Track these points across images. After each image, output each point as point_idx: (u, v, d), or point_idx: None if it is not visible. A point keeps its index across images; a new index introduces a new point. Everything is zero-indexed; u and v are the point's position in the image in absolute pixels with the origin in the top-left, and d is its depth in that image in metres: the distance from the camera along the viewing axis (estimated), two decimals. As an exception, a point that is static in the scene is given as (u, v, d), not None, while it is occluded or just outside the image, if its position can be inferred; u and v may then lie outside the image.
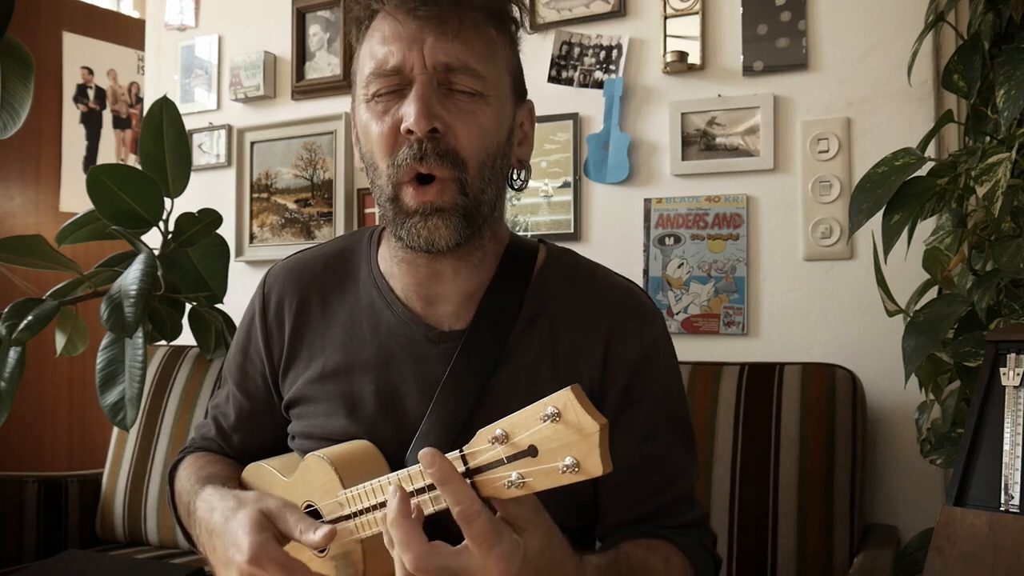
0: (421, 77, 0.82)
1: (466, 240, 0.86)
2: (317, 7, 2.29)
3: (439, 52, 0.82)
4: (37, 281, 1.86)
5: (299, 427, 0.97)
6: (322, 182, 2.28)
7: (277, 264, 1.03)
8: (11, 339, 1.65)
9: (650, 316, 0.95)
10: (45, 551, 1.93)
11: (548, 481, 0.63)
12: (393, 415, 0.90)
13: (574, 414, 0.61)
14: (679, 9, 1.87)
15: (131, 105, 3.46)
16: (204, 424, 1.08)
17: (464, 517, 0.64)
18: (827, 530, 1.49)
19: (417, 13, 0.82)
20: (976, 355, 1.10)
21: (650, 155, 1.91)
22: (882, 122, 1.71)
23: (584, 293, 0.94)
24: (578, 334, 0.92)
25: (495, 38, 0.86)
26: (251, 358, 1.01)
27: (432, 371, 0.90)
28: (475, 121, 0.84)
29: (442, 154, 0.82)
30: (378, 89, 0.84)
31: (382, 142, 0.84)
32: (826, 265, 1.74)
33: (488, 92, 0.84)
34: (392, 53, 0.83)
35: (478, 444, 0.66)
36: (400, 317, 0.93)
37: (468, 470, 0.67)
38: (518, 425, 0.64)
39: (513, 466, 0.64)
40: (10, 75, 1.54)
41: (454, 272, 0.91)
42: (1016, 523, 0.81)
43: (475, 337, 0.90)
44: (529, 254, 0.96)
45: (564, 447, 0.61)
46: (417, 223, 0.84)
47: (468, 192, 0.84)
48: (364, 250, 1.00)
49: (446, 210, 0.83)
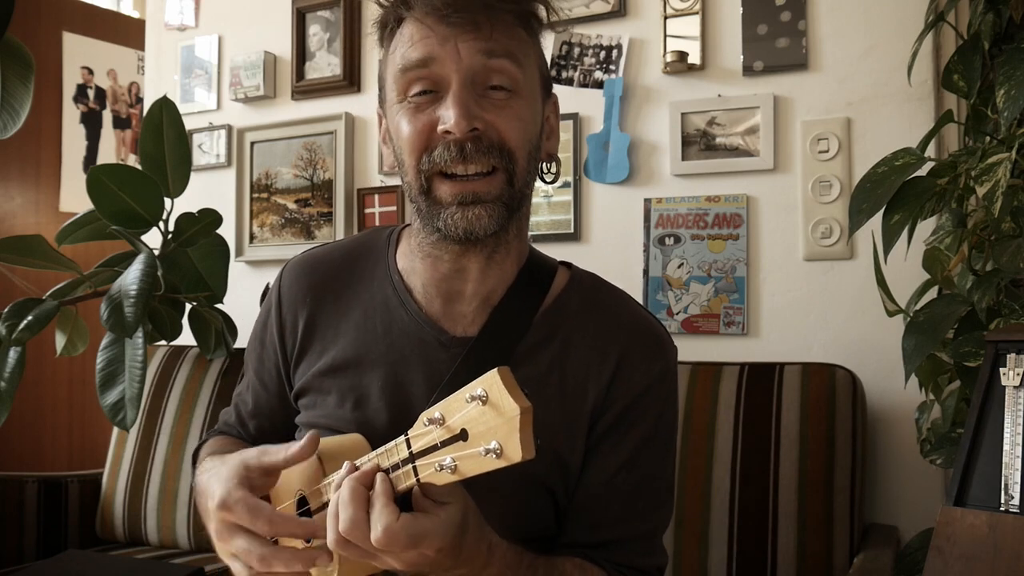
0: (457, 80, 0.82)
1: (503, 229, 0.87)
2: (317, 7, 2.29)
3: (475, 54, 0.82)
4: (37, 281, 1.86)
5: (305, 418, 0.98)
6: (322, 182, 2.28)
7: (295, 258, 1.04)
8: (11, 339, 1.65)
9: (663, 350, 0.95)
10: (45, 551, 1.93)
11: (475, 466, 0.61)
12: (396, 413, 0.91)
13: (498, 396, 0.59)
14: (679, 9, 1.87)
15: (131, 105, 3.46)
16: (227, 410, 1.11)
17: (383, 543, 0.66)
18: (827, 530, 1.49)
19: (449, 20, 0.82)
20: (976, 355, 1.10)
21: (650, 155, 1.91)
22: (882, 122, 1.71)
23: (603, 317, 0.95)
24: (590, 356, 0.92)
25: (525, 38, 0.87)
26: (267, 349, 1.03)
27: (439, 373, 0.90)
28: (515, 115, 0.85)
29: (487, 150, 0.83)
30: (411, 91, 0.85)
31: (415, 140, 0.85)
32: (826, 265, 1.74)
33: (521, 89, 0.85)
34: (425, 56, 0.83)
35: (419, 427, 0.66)
36: (414, 317, 0.93)
37: (411, 454, 0.66)
38: (452, 407, 0.63)
39: (447, 450, 0.63)
40: (10, 75, 1.54)
41: (479, 270, 0.91)
42: (1016, 523, 0.81)
43: (483, 344, 0.90)
44: (548, 271, 0.97)
45: (490, 430, 0.60)
46: (454, 213, 0.84)
47: (515, 183, 0.86)
48: (382, 248, 1.00)
49: (489, 200, 0.84)
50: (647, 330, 0.95)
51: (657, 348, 0.95)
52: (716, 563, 1.53)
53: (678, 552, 1.55)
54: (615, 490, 0.91)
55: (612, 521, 0.91)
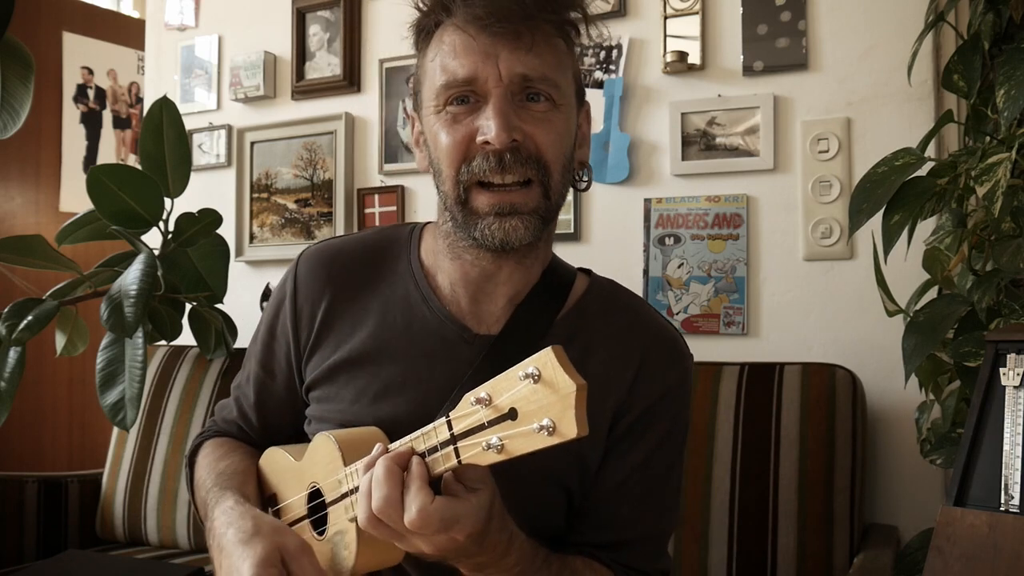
0: (497, 91, 0.83)
1: (538, 239, 0.89)
2: (317, 7, 2.29)
3: (516, 65, 0.83)
4: (37, 281, 1.86)
5: (317, 411, 0.96)
6: (322, 182, 2.28)
7: (310, 247, 1.03)
8: (11, 339, 1.65)
9: (682, 359, 0.97)
10: (45, 551, 1.93)
11: (526, 444, 0.61)
12: (416, 408, 0.90)
13: (552, 373, 0.60)
14: (679, 9, 1.87)
15: (131, 105, 3.46)
16: (226, 405, 1.09)
17: (417, 524, 0.67)
18: (827, 530, 1.49)
19: (492, 29, 0.82)
20: (976, 355, 1.10)
21: (650, 155, 1.91)
22: (882, 122, 1.71)
23: (623, 323, 0.96)
24: (611, 359, 0.93)
25: (564, 49, 0.88)
26: (278, 339, 1.01)
27: (460, 370, 0.90)
28: (553, 128, 0.85)
29: (524, 161, 0.84)
30: (450, 100, 0.85)
31: (453, 151, 0.85)
32: (826, 265, 1.74)
33: (561, 101, 0.86)
34: (465, 66, 0.83)
35: (463, 408, 0.66)
36: (436, 314, 0.93)
37: (453, 435, 0.67)
38: (500, 387, 0.63)
39: (493, 430, 0.63)
40: (10, 75, 1.54)
41: (509, 274, 0.92)
42: (1016, 523, 0.81)
43: (505, 341, 0.91)
44: (568, 276, 0.99)
45: (542, 408, 0.60)
46: (491, 224, 0.85)
47: (551, 196, 0.87)
48: (404, 244, 1.00)
49: (526, 212, 0.85)
50: (667, 336, 0.97)
51: (677, 354, 0.96)
52: (716, 563, 1.53)
53: (678, 552, 1.55)
54: (627, 492, 0.92)
55: (623, 522, 0.92)
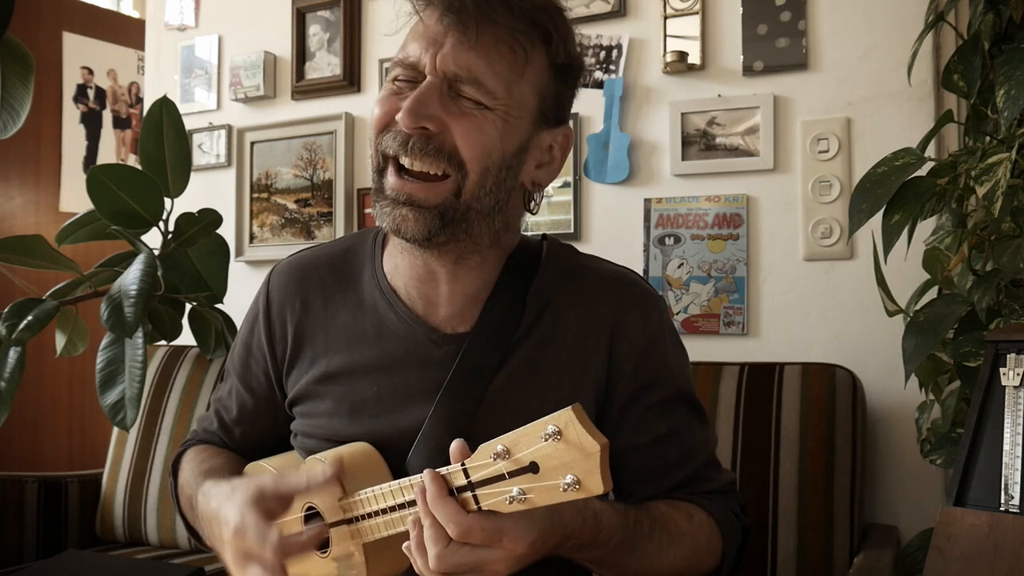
0: (429, 79, 0.84)
1: (440, 240, 0.86)
2: (317, 7, 2.29)
3: (449, 61, 0.84)
4: (37, 281, 1.86)
5: (302, 426, 0.97)
6: (322, 182, 2.28)
7: (281, 262, 1.04)
8: (11, 339, 1.65)
9: (651, 301, 0.96)
10: (45, 551, 1.93)
11: (549, 497, 0.64)
12: (395, 417, 0.91)
13: (575, 434, 0.62)
14: (679, 9, 1.87)
15: (131, 105, 3.46)
16: (206, 417, 1.09)
17: (459, 534, 0.67)
18: (827, 530, 1.49)
19: (443, 19, 0.84)
20: (976, 355, 1.10)
21: (650, 155, 1.91)
22: (882, 122, 1.70)
23: (583, 286, 0.95)
24: (582, 327, 0.93)
25: (521, 56, 0.86)
26: (254, 355, 1.02)
27: (435, 373, 0.90)
28: (476, 127, 0.84)
29: (434, 152, 0.84)
30: (396, 75, 0.88)
31: (379, 119, 0.88)
32: (826, 265, 1.74)
33: (496, 106, 0.85)
34: (413, 50, 0.86)
35: (480, 459, 0.67)
36: (403, 319, 0.93)
37: (470, 483, 0.68)
38: (519, 442, 0.65)
39: (514, 481, 0.65)
40: (10, 75, 1.54)
41: (449, 275, 0.92)
42: (1016, 523, 0.81)
43: (479, 339, 0.90)
44: (534, 252, 0.97)
45: (565, 465, 0.63)
46: (387, 207, 0.86)
47: (461, 195, 0.85)
48: (368, 250, 1.00)
49: (424, 207, 0.84)
50: (631, 284, 0.97)
51: (646, 300, 0.96)
52: (716, 563, 1.53)
53: (678, 552, 1.55)
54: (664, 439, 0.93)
55: (674, 465, 0.93)
